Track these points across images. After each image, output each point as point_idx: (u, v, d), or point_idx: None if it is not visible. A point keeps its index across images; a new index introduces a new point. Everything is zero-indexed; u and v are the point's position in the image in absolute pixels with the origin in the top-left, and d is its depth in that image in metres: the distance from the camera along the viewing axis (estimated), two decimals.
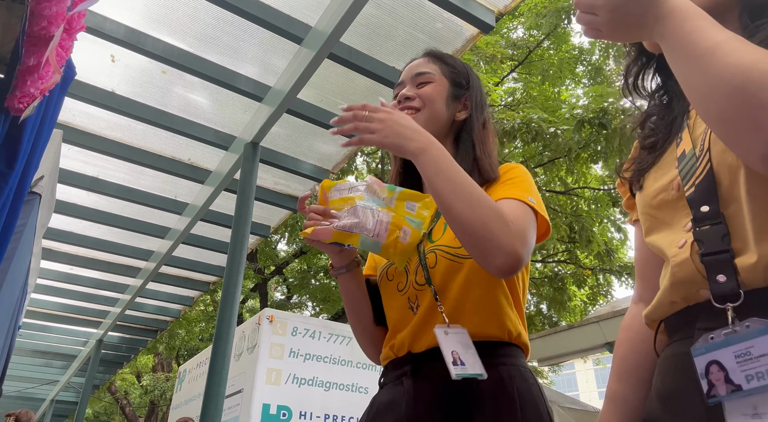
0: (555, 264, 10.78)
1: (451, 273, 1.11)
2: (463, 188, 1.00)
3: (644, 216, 0.86)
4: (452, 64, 1.35)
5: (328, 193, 1.15)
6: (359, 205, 1.10)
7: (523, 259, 0.99)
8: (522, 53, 9.12)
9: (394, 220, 1.10)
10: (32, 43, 1.31)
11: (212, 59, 3.08)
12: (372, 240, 1.09)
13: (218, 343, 2.85)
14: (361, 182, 1.17)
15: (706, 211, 0.74)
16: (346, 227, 1.08)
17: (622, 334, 0.97)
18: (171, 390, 13.30)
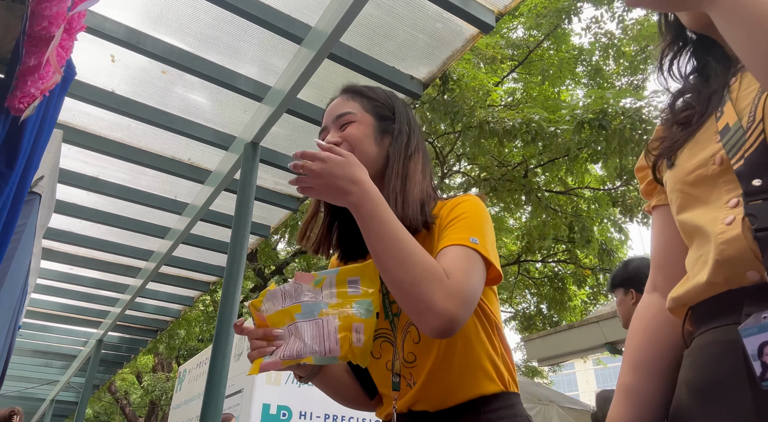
0: (555, 264, 10.78)
1: (435, 343, 1.06)
2: (394, 245, 0.95)
3: (676, 194, 0.81)
4: (373, 96, 1.27)
5: (260, 311, 1.04)
6: (299, 320, 1.00)
7: (458, 319, 0.94)
8: (522, 53, 9.13)
9: (342, 323, 1.00)
10: (32, 43, 1.31)
11: (212, 59, 3.08)
12: (326, 357, 0.99)
13: (218, 343, 2.85)
14: (290, 283, 1.05)
15: (759, 184, 0.69)
16: (294, 355, 0.98)
17: (636, 324, 0.93)
18: (171, 390, 13.30)
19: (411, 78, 3.15)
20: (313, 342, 0.98)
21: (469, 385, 1.05)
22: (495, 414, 1.04)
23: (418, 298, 0.93)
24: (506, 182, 8.23)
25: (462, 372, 1.06)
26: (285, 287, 1.05)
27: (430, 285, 0.93)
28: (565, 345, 6.94)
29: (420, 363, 1.08)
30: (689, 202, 0.79)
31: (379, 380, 1.16)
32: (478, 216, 1.08)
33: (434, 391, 1.06)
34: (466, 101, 7.11)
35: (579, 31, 25.06)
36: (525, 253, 10.29)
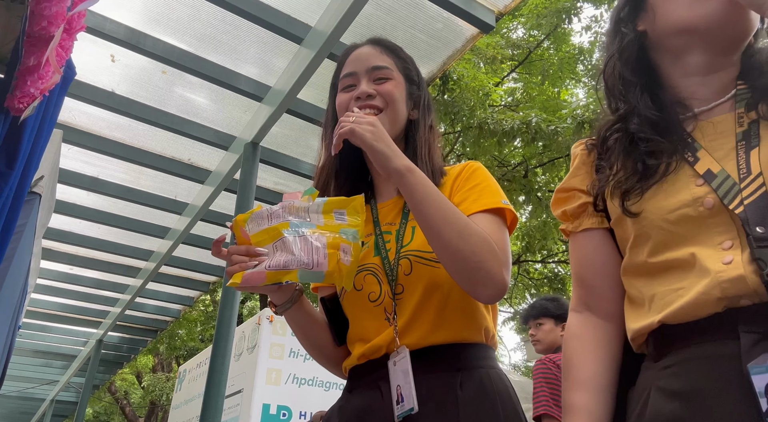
0: (555, 265, 10.78)
1: (428, 277, 1.06)
2: (451, 215, 0.98)
3: (656, 230, 0.84)
4: (404, 57, 1.25)
5: (246, 227, 1.02)
6: (287, 235, 0.98)
7: (507, 286, 1.00)
8: (522, 53, 9.12)
9: (330, 242, 0.98)
10: (32, 43, 1.31)
11: (212, 59, 3.08)
12: (312, 272, 0.96)
13: (218, 343, 2.85)
14: (279, 205, 1.03)
15: (762, 231, 0.74)
16: (281, 265, 0.95)
17: (575, 343, 0.94)
18: (171, 390, 13.30)
19: None
20: (301, 253, 0.96)
21: (454, 327, 1.05)
22: (472, 362, 1.04)
23: (478, 267, 0.97)
24: (506, 182, 8.23)
25: (450, 311, 1.06)
26: (272, 208, 1.03)
27: (489, 255, 0.98)
28: None
29: (408, 294, 1.07)
30: (672, 238, 0.82)
31: (358, 314, 1.13)
32: (493, 179, 1.14)
33: (417, 325, 1.05)
34: (466, 101, 7.10)
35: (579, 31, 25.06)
36: (525, 254, 10.29)
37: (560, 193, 1.01)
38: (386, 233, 1.14)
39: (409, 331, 1.05)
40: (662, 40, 0.93)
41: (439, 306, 1.06)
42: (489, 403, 1.00)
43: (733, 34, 0.87)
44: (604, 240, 0.95)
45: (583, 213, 0.97)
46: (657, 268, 0.85)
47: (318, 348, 1.19)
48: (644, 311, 0.85)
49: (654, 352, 0.84)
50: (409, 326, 1.05)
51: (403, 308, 1.07)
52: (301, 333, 1.18)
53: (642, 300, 0.86)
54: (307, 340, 1.19)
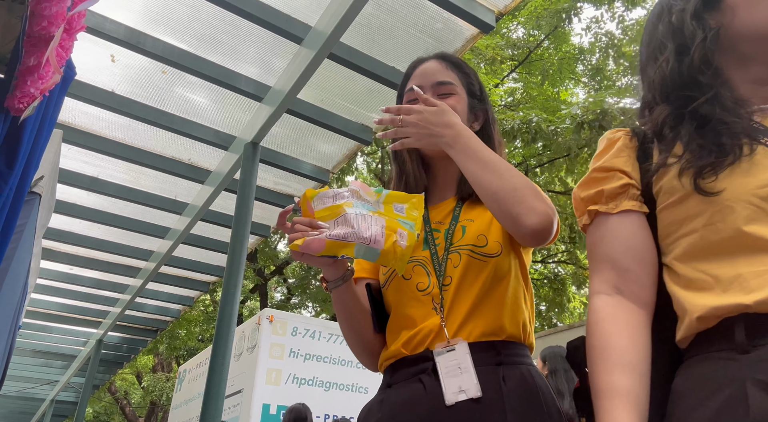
0: (555, 265, 10.78)
1: (477, 271, 1.11)
2: (492, 163, 1.06)
3: (743, 205, 0.80)
4: (468, 72, 1.34)
5: (311, 203, 1.09)
6: (349, 212, 1.04)
7: (553, 223, 1.03)
8: (522, 53, 9.13)
9: (389, 224, 1.05)
10: (32, 43, 1.31)
11: (212, 59, 3.08)
12: (369, 248, 1.02)
13: (218, 343, 2.85)
14: (345, 189, 1.11)
15: None
16: (340, 236, 1.01)
17: (611, 325, 0.89)
18: (171, 390, 13.30)
19: None
20: (361, 228, 1.02)
21: (495, 321, 1.09)
22: (512, 358, 1.08)
23: (519, 200, 1.02)
24: None
25: (490, 307, 1.10)
26: (338, 190, 1.10)
27: (530, 190, 1.03)
28: None
29: (453, 287, 1.12)
30: (761, 215, 0.79)
31: (403, 301, 1.17)
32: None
33: (459, 315, 1.09)
34: None
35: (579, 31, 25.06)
36: None
37: (598, 172, 0.97)
38: (435, 231, 1.20)
39: (456, 323, 1.09)
40: (735, 42, 0.90)
41: (482, 300, 1.10)
42: (533, 397, 1.03)
43: None
44: (642, 225, 0.92)
45: (623, 195, 0.94)
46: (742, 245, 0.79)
47: (358, 332, 1.21)
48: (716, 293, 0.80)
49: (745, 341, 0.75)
50: (455, 318, 1.09)
51: (449, 300, 1.11)
52: (345, 314, 1.20)
53: (709, 283, 0.81)
54: (348, 322, 1.21)
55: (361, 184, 1.13)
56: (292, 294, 12.73)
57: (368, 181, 11.07)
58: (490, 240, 1.13)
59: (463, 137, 1.10)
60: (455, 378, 1.03)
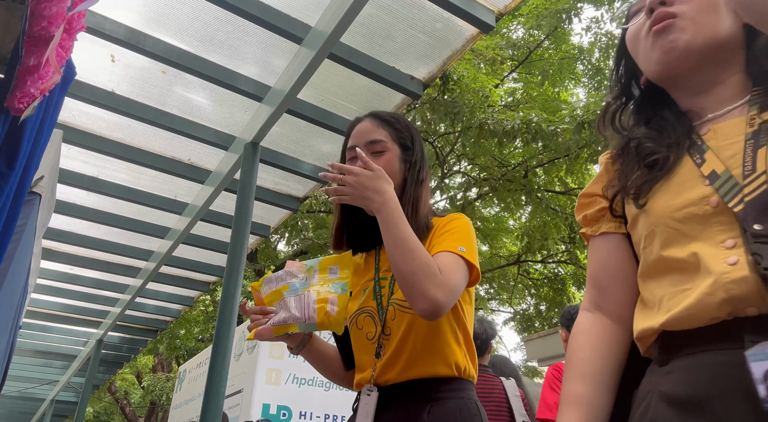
0: (555, 265, 10.78)
1: (404, 322, 1.27)
2: (402, 243, 1.18)
3: (661, 228, 0.86)
4: (399, 127, 1.44)
5: (259, 292, 1.32)
6: (286, 296, 1.27)
7: (444, 305, 1.15)
8: (522, 53, 9.13)
9: (319, 297, 1.26)
10: (32, 43, 1.31)
11: (212, 59, 3.08)
12: (306, 324, 1.24)
13: (218, 343, 2.85)
14: (283, 271, 1.32)
15: (760, 228, 0.75)
16: (281, 321, 1.24)
17: (583, 338, 0.96)
18: (171, 390, 13.30)
19: (411, 78, 3.15)
20: (296, 311, 1.24)
21: (426, 364, 1.25)
22: (444, 394, 1.24)
23: (414, 286, 1.15)
24: (506, 182, 8.24)
25: (422, 351, 1.26)
26: (278, 273, 1.32)
27: (425, 275, 1.15)
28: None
29: (392, 336, 1.29)
30: (677, 237, 0.84)
31: (359, 348, 1.37)
32: (465, 231, 1.32)
33: (396, 363, 1.26)
34: (466, 102, 7.10)
35: (579, 31, 25.07)
36: (525, 254, 10.29)
37: (583, 199, 1.06)
38: (383, 279, 1.36)
39: (389, 368, 1.26)
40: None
41: (412, 347, 1.26)
42: None
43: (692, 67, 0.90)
44: (620, 245, 0.98)
45: (603, 218, 1.00)
46: (665, 267, 0.85)
47: (332, 374, 1.49)
48: (653, 313, 0.86)
49: (659, 356, 0.84)
50: (390, 364, 1.27)
51: (387, 348, 1.28)
52: (317, 366, 1.47)
53: (653, 302, 0.87)
54: (322, 369, 1.49)
55: (294, 263, 1.33)
56: None
57: None
58: None
59: (388, 207, 1.22)
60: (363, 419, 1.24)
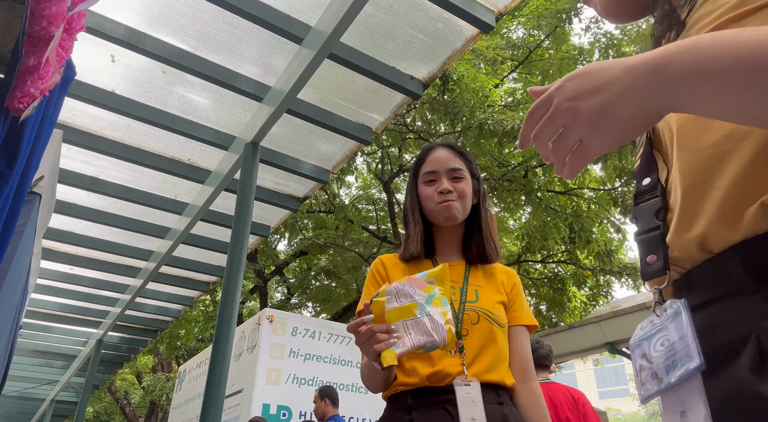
0: (555, 265, 10.77)
1: (491, 331, 1.41)
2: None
3: None
4: (469, 158, 1.61)
5: (384, 309, 1.26)
6: (419, 317, 1.23)
7: None
8: (522, 53, 9.12)
9: (444, 315, 1.25)
10: (32, 43, 1.31)
11: (212, 59, 3.08)
12: (436, 346, 1.22)
13: (218, 343, 2.85)
14: (401, 283, 1.27)
15: (647, 183, 0.67)
16: (421, 344, 1.21)
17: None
18: (171, 390, 13.29)
19: (411, 78, 3.15)
20: (435, 334, 1.22)
21: (499, 372, 1.39)
22: (506, 399, 1.38)
23: None
24: (506, 182, 8.23)
25: (498, 358, 1.40)
26: (397, 286, 1.28)
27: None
28: (565, 345, 6.93)
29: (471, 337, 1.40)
30: None
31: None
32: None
33: (479, 363, 1.37)
34: (466, 102, 7.10)
35: (579, 31, 25.07)
36: (525, 254, 10.29)
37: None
38: (451, 287, 1.43)
39: (472, 366, 1.37)
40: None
41: (494, 353, 1.40)
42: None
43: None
44: None
45: None
46: None
47: (382, 385, 1.43)
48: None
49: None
50: (473, 363, 1.38)
51: (468, 347, 1.39)
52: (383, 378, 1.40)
53: None
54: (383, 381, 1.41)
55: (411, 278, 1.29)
56: (292, 294, 12.72)
57: (368, 180, 11.07)
58: (501, 314, 1.46)
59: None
60: (468, 408, 1.29)
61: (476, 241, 1.54)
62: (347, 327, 1.27)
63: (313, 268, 11.87)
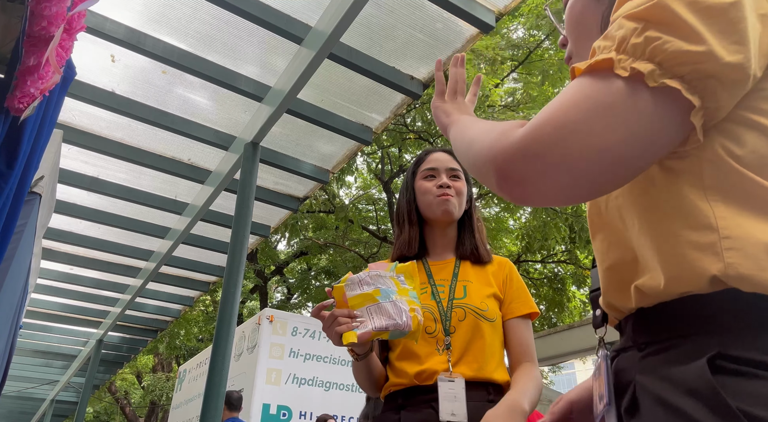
0: (555, 265, 10.77)
1: (478, 327, 1.41)
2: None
3: None
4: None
5: (345, 294, 1.30)
6: (381, 302, 1.27)
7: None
8: (522, 53, 9.12)
9: (409, 304, 1.28)
10: (32, 43, 1.31)
11: (212, 59, 3.08)
12: (402, 331, 1.25)
13: (218, 343, 2.85)
14: (365, 273, 1.31)
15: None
16: (383, 327, 1.23)
17: None
18: (171, 390, 13.29)
19: (411, 78, 3.15)
20: (396, 317, 1.25)
21: (487, 369, 1.39)
22: (496, 397, 1.36)
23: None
24: None
25: (489, 356, 1.40)
26: (361, 276, 1.32)
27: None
28: (565, 345, 6.94)
29: (458, 335, 1.41)
30: None
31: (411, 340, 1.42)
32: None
33: (465, 360, 1.38)
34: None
35: None
36: (525, 254, 10.29)
37: None
38: (440, 285, 1.50)
39: (459, 364, 1.38)
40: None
41: (481, 349, 1.40)
42: None
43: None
44: None
45: None
46: None
47: (372, 383, 1.47)
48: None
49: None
50: (460, 360, 1.39)
51: (455, 345, 1.40)
52: (366, 373, 1.45)
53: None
54: (367, 377, 1.46)
55: (377, 265, 1.34)
56: (292, 294, 12.72)
57: (368, 180, 11.07)
58: (490, 308, 1.45)
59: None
60: (449, 403, 1.31)
61: (469, 241, 1.57)
62: (311, 313, 1.31)
63: (313, 268, 11.87)
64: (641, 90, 0.59)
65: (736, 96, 0.60)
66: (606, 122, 0.59)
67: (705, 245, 0.60)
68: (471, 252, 1.55)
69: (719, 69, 0.57)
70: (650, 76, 0.58)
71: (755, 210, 0.59)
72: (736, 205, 0.60)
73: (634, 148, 0.59)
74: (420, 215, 1.59)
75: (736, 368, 0.55)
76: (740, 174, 0.60)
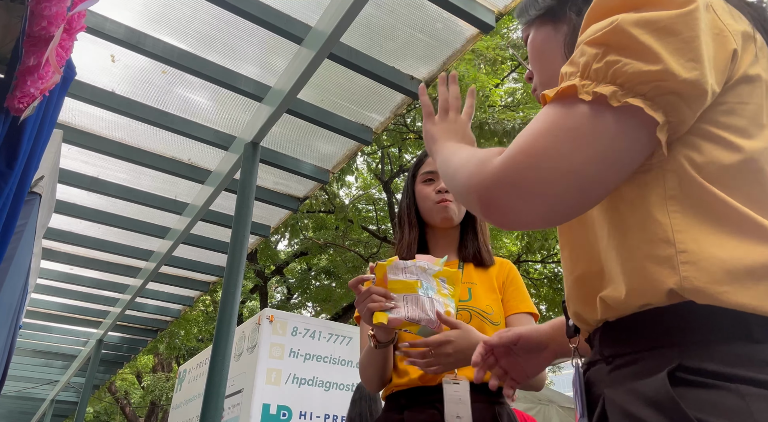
0: (555, 265, 10.77)
1: (481, 330, 1.35)
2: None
3: None
4: None
5: (387, 274, 1.27)
6: (420, 294, 1.23)
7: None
8: (522, 53, 9.11)
9: (445, 308, 1.26)
10: (32, 43, 1.31)
11: (212, 59, 3.08)
12: (431, 330, 1.23)
13: (218, 343, 2.85)
14: (412, 262, 1.28)
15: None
16: (415, 319, 1.21)
17: None
18: (171, 390, 13.29)
19: (411, 78, 3.15)
20: (431, 313, 1.22)
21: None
22: (500, 399, 1.39)
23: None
24: None
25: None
26: (408, 263, 1.28)
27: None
28: None
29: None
30: None
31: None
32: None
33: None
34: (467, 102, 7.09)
35: None
36: (525, 254, 10.28)
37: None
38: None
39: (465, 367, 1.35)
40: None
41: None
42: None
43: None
44: None
45: None
46: None
47: (380, 379, 1.44)
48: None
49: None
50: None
51: None
52: (380, 364, 1.42)
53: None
54: (379, 369, 1.43)
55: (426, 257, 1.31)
56: (292, 294, 12.72)
57: (368, 181, 11.07)
58: (495, 311, 1.45)
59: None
60: (454, 405, 1.30)
61: (472, 243, 1.56)
62: (349, 282, 1.27)
63: (313, 268, 11.87)
64: (605, 112, 0.61)
65: (696, 110, 0.62)
66: (573, 145, 0.61)
67: (663, 258, 0.62)
68: (474, 255, 1.55)
69: (678, 85, 0.59)
70: (613, 97, 0.61)
71: (712, 221, 0.62)
72: (695, 216, 0.62)
73: (603, 167, 0.62)
74: (420, 218, 1.59)
75: (694, 379, 0.57)
76: (700, 185, 0.63)
